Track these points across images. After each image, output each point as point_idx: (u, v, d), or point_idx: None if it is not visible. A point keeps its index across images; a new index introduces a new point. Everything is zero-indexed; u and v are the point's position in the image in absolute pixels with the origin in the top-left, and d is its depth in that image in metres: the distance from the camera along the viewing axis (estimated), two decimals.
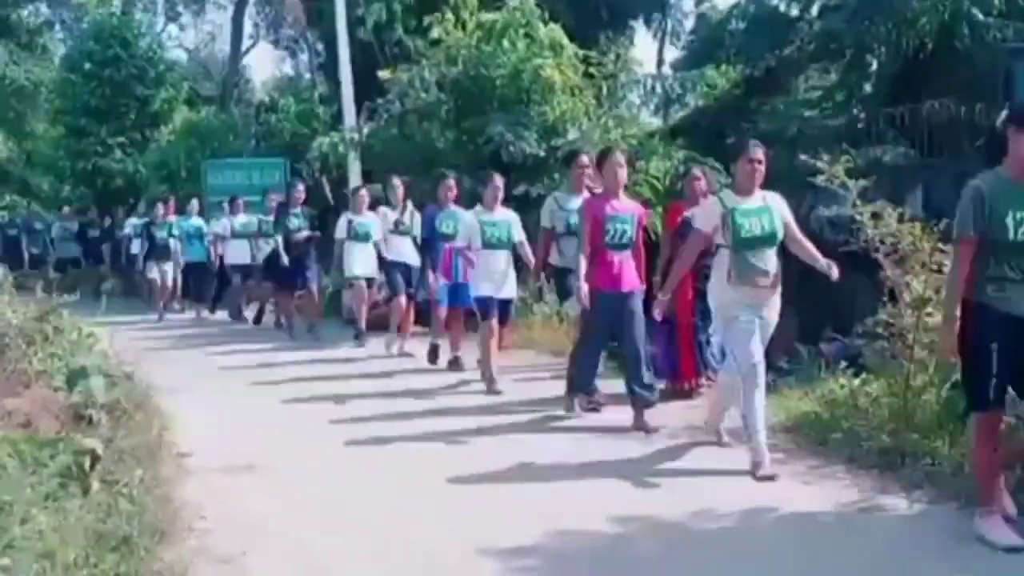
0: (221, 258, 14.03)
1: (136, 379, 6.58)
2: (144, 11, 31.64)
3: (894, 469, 5.19)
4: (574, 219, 7.29)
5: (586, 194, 7.51)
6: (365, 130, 14.16)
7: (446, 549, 4.27)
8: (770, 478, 5.19)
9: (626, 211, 6.60)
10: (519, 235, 8.26)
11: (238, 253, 13.60)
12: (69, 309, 7.40)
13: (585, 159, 7.82)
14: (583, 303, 6.41)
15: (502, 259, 8.12)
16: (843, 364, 6.41)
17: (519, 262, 8.45)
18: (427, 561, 4.16)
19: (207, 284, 14.64)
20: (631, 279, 6.56)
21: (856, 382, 6.20)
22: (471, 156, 12.11)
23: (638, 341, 6.46)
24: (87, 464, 4.21)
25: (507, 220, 8.22)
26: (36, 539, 3.43)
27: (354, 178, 14.53)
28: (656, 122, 16.81)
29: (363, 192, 10.96)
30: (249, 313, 13.83)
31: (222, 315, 14.42)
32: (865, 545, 4.32)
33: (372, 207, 10.97)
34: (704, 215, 5.70)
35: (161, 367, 8.30)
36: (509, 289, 8.25)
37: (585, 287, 6.36)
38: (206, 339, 12.13)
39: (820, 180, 7.77)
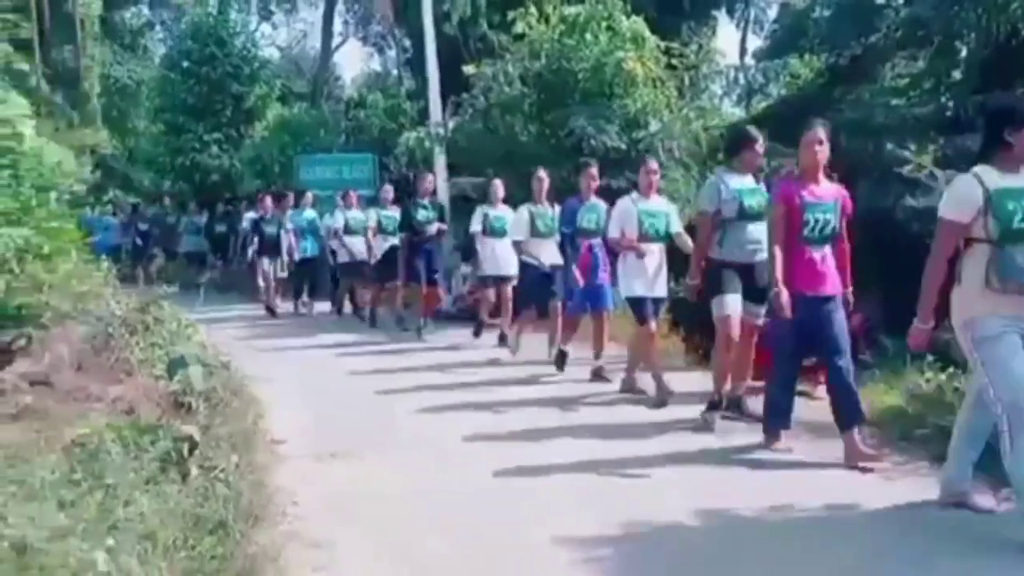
0: (333, 253, 13.78)
1: (232, 368, 6.86)
2: (239, 11, 32.26)
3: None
4: (750, 201, 6.44)
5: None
6: (450, 124, 14.36)
7: (529, 539, 4.35)
8: None
9: (829, 198, 5.72)
10: (677, 226, 7.59)
11: (351, 248, 13.17)
12: (169, 301, 7.72)
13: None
14: (782, 311, 5.55)
15: (656, 253, 7.42)
16: (930, 357, 6.27)
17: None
18: (509, 548, 4.28)
19: (322, 280, 14.57)
20: (834, 280, 5.74)
21: (943, 376, 6.07)
22: (554, 149, 12.21)
23: (845, 355, 5.53)
24: (185, 450, 4.40)
25: (665, 210, 7.57)
26: (138, 521, 3.58)
27: (440, 172, 14.78)
28: (739, 113, 16.67)
29: (497, 182, 10.46)
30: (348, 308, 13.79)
31: (321, 307, 14.45)
32: (945, 545, 4.23)
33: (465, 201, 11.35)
34: (956, 198, 4.45)
35: (256, 358, 8.65)
36: (662, 287, 7.52)
37: (785, 292, 5.55)
38: (301, 330, 12.47)
39: (907, 170, 7.70)
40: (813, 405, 6.62)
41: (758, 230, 6.25)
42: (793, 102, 12.49)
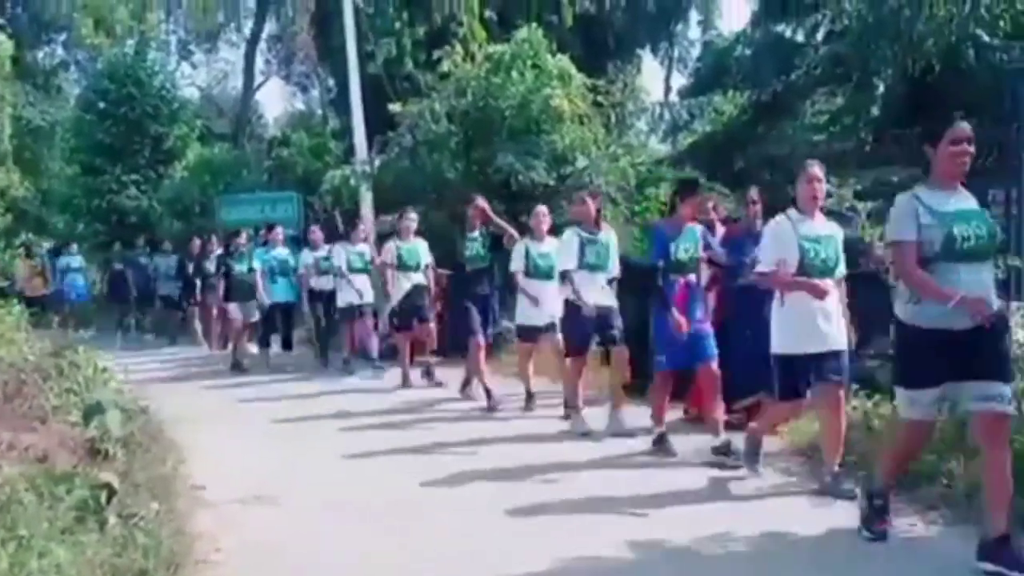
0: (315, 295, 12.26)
1: (151, 413, 6.61)
2: (157, 50, 31.96)
3: (909, 491, 5.15)
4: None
5: None
6: (377, 163, 14.26)
7: None
8: None
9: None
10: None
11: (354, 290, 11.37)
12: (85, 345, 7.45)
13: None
14: None
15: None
16: (855, 386, 6.37)
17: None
18: None
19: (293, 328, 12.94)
20: None
21: (869, 404, 6.19)
22: (481, 186, 12.15)
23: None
24: (103, 498, 4.22)
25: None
26: (54, 573, 3.43)
27: (366, 210, 14.64)
28: (664, 149, 16.90)
29: (540, 210, 8.60)
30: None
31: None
32: (880, 568, 4.31)
33: (383, 239, 11.02)
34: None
35: (178, 401, 8.37)
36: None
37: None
38: (226, 372, 12.15)
39: (829, 203, 7.81)
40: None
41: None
42: (718, 138, 12.76)
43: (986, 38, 9.84)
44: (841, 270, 5.54)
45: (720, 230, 7.55)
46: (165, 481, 5.26)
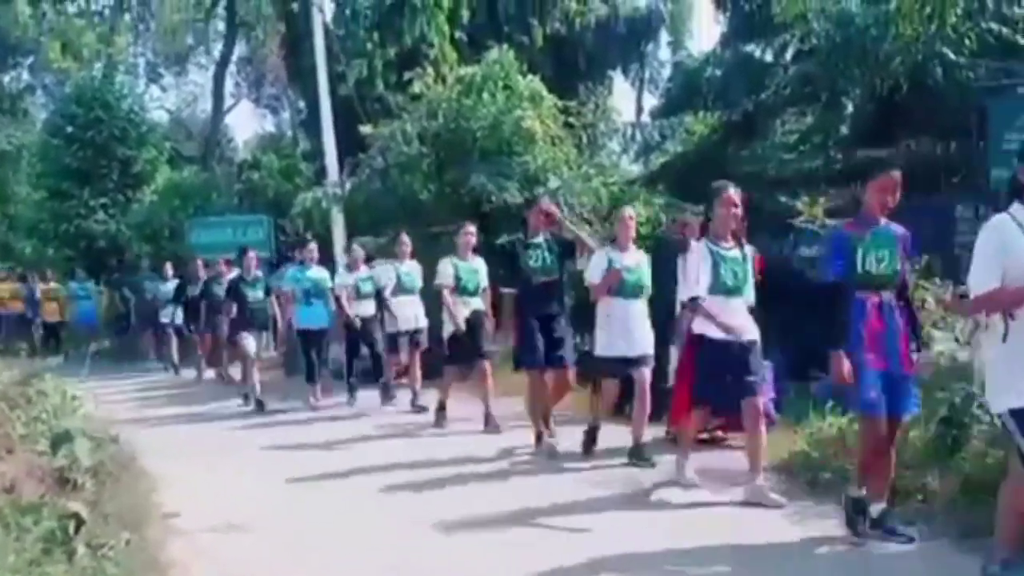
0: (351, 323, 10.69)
1: (121, 441, 6.50)
2: (126, 73, 31.84)
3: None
4: None
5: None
6: (348, 185, 14.21)
7: None
8: None
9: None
10: None
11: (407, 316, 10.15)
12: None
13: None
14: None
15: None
16: (831, 403, 6.39)
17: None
18: None
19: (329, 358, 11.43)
20: None
21: (845, 420, 6.20)
22: (454, 207, 12.15)
23: None
24: (71, 528, 4.13)
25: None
26: None
27: (338, 233, 14.57)
28: (636, 169, 16.96)
29: (627, 212, 7.43)
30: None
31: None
32: None
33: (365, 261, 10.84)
34: None
35: (150, 429, 8.26)
36: None
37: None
38: (201, 398, 11.97)
39: (800, 221, 7.88)
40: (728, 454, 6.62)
41: None
42: (689, 158, 12.84)
43: (952, 56, 9.98)
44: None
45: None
46: (136, 510, 5.16)
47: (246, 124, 64.36)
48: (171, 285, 15.24)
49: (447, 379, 8.91)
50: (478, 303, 8.71)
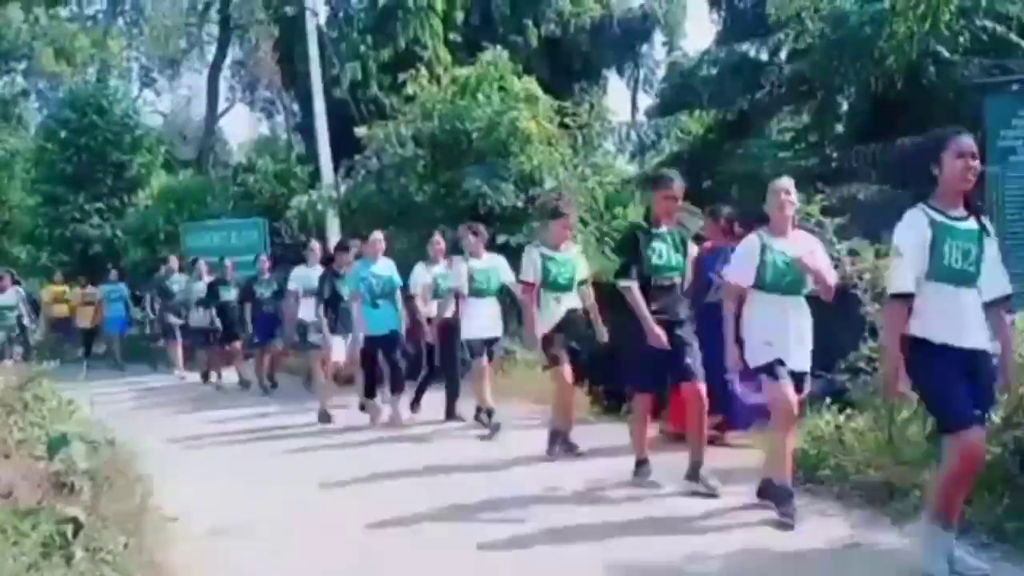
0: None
1: (119, 444, 6.47)
2: (119, 78, 31.84)
3: (883, 503, 5.18)
4: None
5: None
6: (343, 187, 14.20)
7: None
8: None
9: None
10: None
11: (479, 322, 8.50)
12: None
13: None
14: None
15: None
16: (828, 400, 6.40)
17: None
18: None
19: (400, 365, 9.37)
20: None
21: (841, 418, 6.19)
22: (449, 209, 12.14)
23: None
24: (69, 533, 4.11)
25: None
26: None
27: (333, 235, 14.57)
28: (632, 169, 16.98)
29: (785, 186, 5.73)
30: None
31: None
32: None
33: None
34: None
35: (149, 432, 8.22)
36: None
37: None
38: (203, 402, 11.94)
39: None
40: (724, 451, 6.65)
41: None
42: (685, 157, 12.84)
43: (946, 54, 10.00)
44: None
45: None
46: (134, 514, 5.12)
47: (241, 127, 64.14)
48: (203, 284, 13.72)
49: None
50: (574, 301, 7.26)
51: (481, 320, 8.40)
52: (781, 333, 5.25)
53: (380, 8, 18.59)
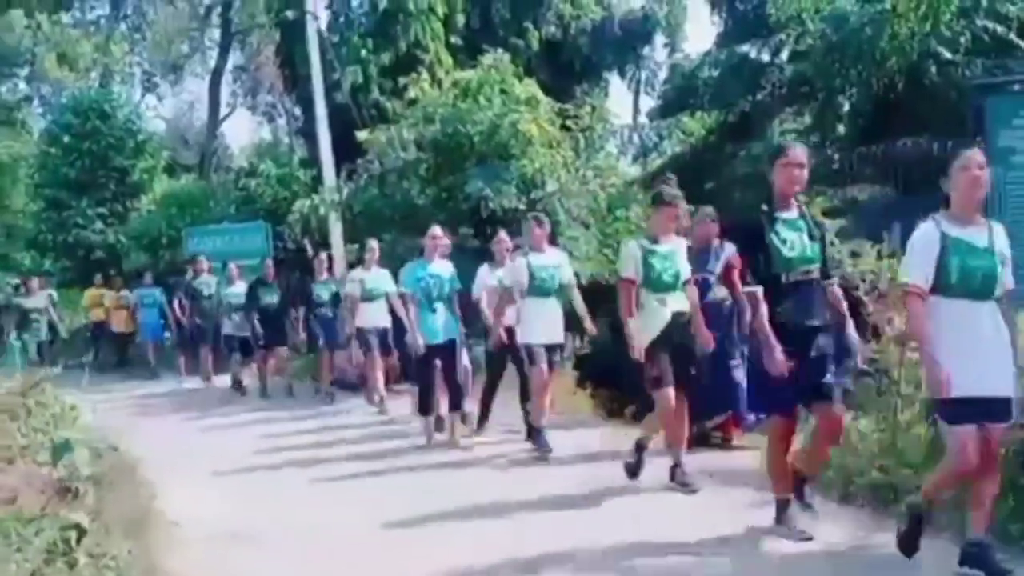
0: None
1: (122, 450, 6.48)
2: (122, 83, 31.92)
3: (886, 504, 5.16)
4: None
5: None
6: (345, 191, 14.21)
7: None
8: None
9: None
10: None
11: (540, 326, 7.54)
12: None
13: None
14: None
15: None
16: None
17: None
18: None
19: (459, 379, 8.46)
20: None
21: (847, 419, 6.17)
22: (452, 212, 12.15)
23: None
24: (73, 539, 4.11)
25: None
26: None
27: (336, 239, 14.57)
28: (635, 171, 16.98)
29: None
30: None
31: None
32: None
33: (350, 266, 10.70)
34: None
35: (153, 437, 8.23)
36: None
37: None
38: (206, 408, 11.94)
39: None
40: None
41: None
42: (687, 158, 12.86)
43: (947, 55, 10.00)
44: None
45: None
46: (138, 519, 5.13)
47: (243, 132, 64.22)
48: (240, 288, 12.95)
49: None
50: (681, 303, 6.10)
51: (543, 323, 7.44)
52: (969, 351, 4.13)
53: (381, 12, 18.60)
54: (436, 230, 8.53)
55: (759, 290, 4.77)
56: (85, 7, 33.49)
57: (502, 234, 8.87)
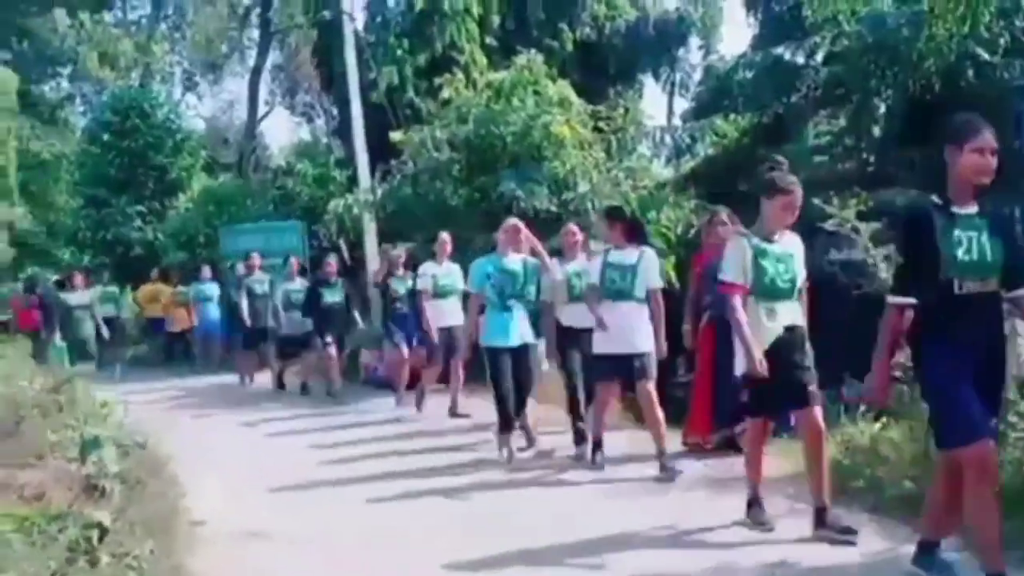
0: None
1: (150, 447, 6.53)
2: (162, 82, 32.29)
3: (919, 516, 5.04)
4: None
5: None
6: (379, 191, 14.26)
7: None
8: None
9: None
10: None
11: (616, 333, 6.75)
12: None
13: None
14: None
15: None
16: (863, 409, 6.29)
17: None
18: None
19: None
20: None
21: (877, 427, 6.09)
22: (484, 212, 12.15)
23: None
24: (95, 537, 4.14)
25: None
26: None
27: (370, 239, 14.63)
28: (668, 173, 16.90)
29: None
30: None
31: None
32: None
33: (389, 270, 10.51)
34: None
35: (183, 434, 8.29)
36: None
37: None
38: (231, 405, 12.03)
39: (830, 224, 7.78)
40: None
41: None
42: (719, 161, 12.77)
43: (986, 56, 9.83)
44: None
45: None
46: (163, 518, 5.16)
47: (281, 131, 64.95)
48: (298, 285, 12.51)
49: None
50: (795, 314, 5.21)
51: (619, 330, 6.63)
52: None
53: (417, 12, 18.65)
54: (514, 221, 7.74)
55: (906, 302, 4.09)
56: (127, 7, 33.99)
57: (571, 225, 8.14)
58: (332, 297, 11.74)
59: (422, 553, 5.16)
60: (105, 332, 14.55)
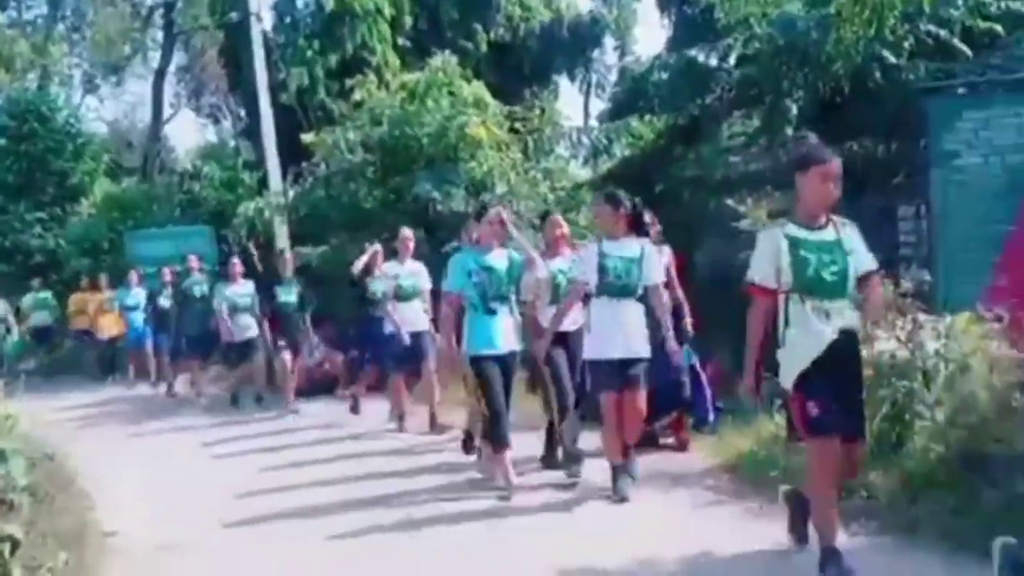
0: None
1: (59, 459, 6.31)
2: (61, 84, 31.30)
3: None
4: None
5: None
6: (291, 194, 14.05)
7: None
8: None
9: None
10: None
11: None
12: None
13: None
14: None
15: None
16: (778, 402, 6.39)
17: None
18: None
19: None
20: None
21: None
22: (399, 214, 12.02)
23: None
24: (7, 551, 3.98)
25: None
26: None
27: (282, 242, 14.39)
28: (585, 173, 17.02)
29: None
30: None
31: None
32: None
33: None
34: None
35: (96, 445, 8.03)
36: None
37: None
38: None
39: (746, 224, 7.90)
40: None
41: None
42: (636, 161, 12.90)
43: (892, 58, 10.12)
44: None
45: None
46: (74, 530, 5.00)
47: (188, 133, 63.56)
48: (246, 288, 11.60)
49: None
50: (851, 317, 4.31)
51: (619, 332, 5.90)
52: None
53: (327, 13, 18.46)
54: (499, 210, 6.78)
55: None
56: (22, 6, 32.71)
57: (555, 216, 7.51)
58: (286, 296, 10.81)
59: (346, 563, 5.08)
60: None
